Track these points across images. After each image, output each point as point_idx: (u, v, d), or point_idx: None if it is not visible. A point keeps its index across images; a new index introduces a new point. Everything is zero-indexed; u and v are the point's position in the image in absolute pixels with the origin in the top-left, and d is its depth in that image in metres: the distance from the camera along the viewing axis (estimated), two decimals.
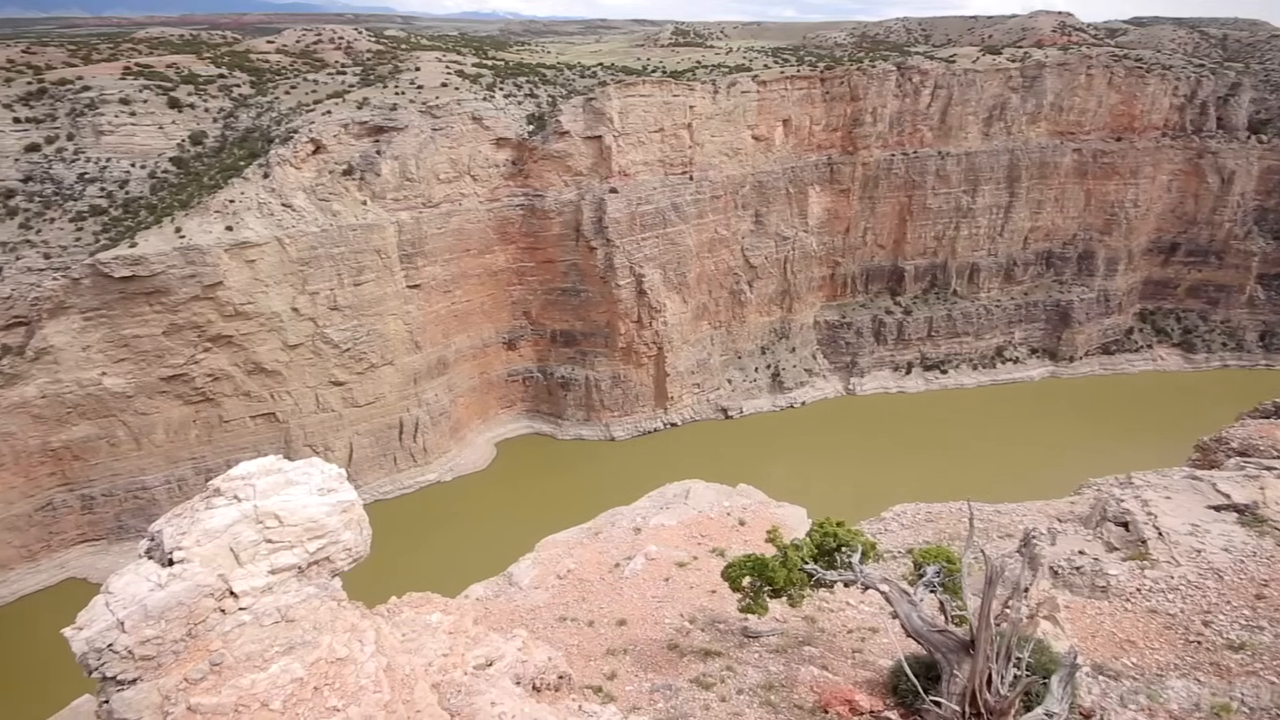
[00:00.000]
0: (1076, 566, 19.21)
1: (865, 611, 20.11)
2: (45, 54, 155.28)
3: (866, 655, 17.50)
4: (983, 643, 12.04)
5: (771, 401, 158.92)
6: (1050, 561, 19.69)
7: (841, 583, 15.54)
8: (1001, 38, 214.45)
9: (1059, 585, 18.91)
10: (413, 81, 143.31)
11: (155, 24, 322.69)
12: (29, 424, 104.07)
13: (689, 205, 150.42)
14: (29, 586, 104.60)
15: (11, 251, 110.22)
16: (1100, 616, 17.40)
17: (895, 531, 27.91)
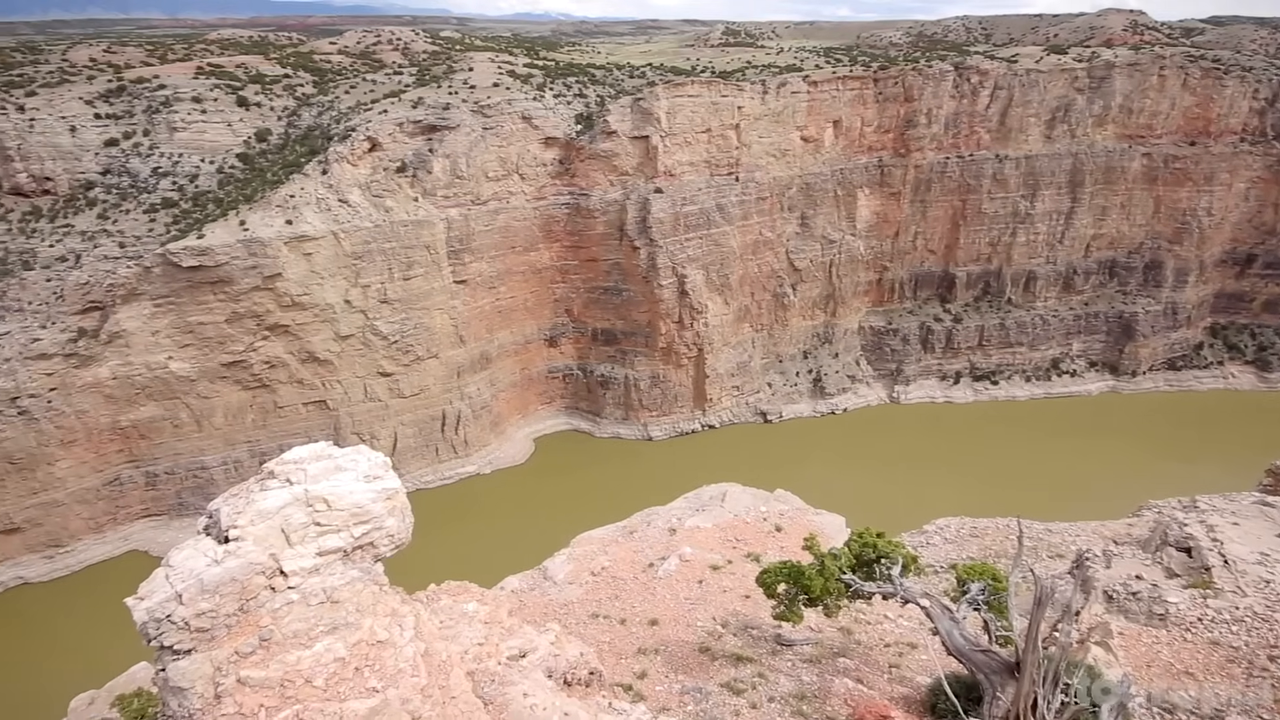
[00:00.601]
0: (1133, 592, 18.30)
1: (904, 626, 19.62)
2: (125, 53, 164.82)
3: (904, 671, 17.08)
4: (1029, 666, 11.60)
5: (812, 407, 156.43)
6: (1104, 585, 18.81)
7: (880, 595, 15.20)
8: (1068, 37, 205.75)
9: (1113, 610, 18.05)
10: (466, 81, 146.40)
11: (227, 25, 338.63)
12: (101, 403, 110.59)
13: (734, 206, 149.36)
14: (95, 556, 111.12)
15: (90, 240, 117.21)
16: (1157, 645, 16.55)
17: (938, 546, 27.15)
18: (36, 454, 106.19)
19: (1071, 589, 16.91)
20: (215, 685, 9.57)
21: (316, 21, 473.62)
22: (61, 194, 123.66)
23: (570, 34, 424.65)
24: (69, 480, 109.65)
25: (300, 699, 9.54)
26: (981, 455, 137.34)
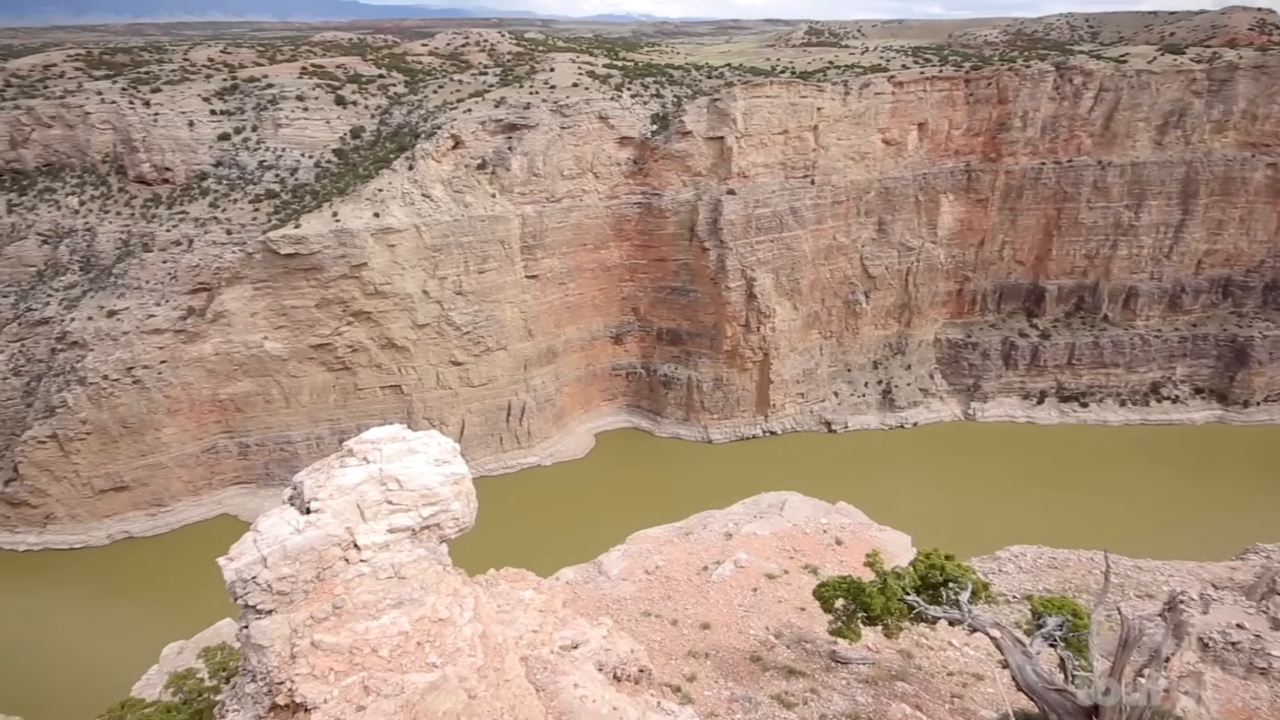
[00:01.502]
0: (1232, 641, 16.70)
1: (970, 656, 18.67)
2: (239, 54, 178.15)
3: (967, 703, 16.25)
4: (1110, 711, 10.79)
5: (880, 419, 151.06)
6: (1200, 632, 17.25)
7: (946, 620, 14.51)
8: (1185, 36, 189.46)
9: (1208, 660, 16.53)
10: (546, 81, 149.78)
11: (330, 28, 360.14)
12: (203, 376, 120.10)
13: (808, 210, 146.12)
14: (191, 517, 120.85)
15: (201, 226, 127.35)
16: (1256, 702, 15.06)
17: (1011, 574, 25.70)
18: (146, 420, 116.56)
19: (1162, 633, 15.60)
20: (291, 646, 10.20)
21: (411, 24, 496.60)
22: (178, 183, 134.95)
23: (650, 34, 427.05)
24: (172, 445, 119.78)
25: (366, 667, 10.05)
26: (1065, 481, 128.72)
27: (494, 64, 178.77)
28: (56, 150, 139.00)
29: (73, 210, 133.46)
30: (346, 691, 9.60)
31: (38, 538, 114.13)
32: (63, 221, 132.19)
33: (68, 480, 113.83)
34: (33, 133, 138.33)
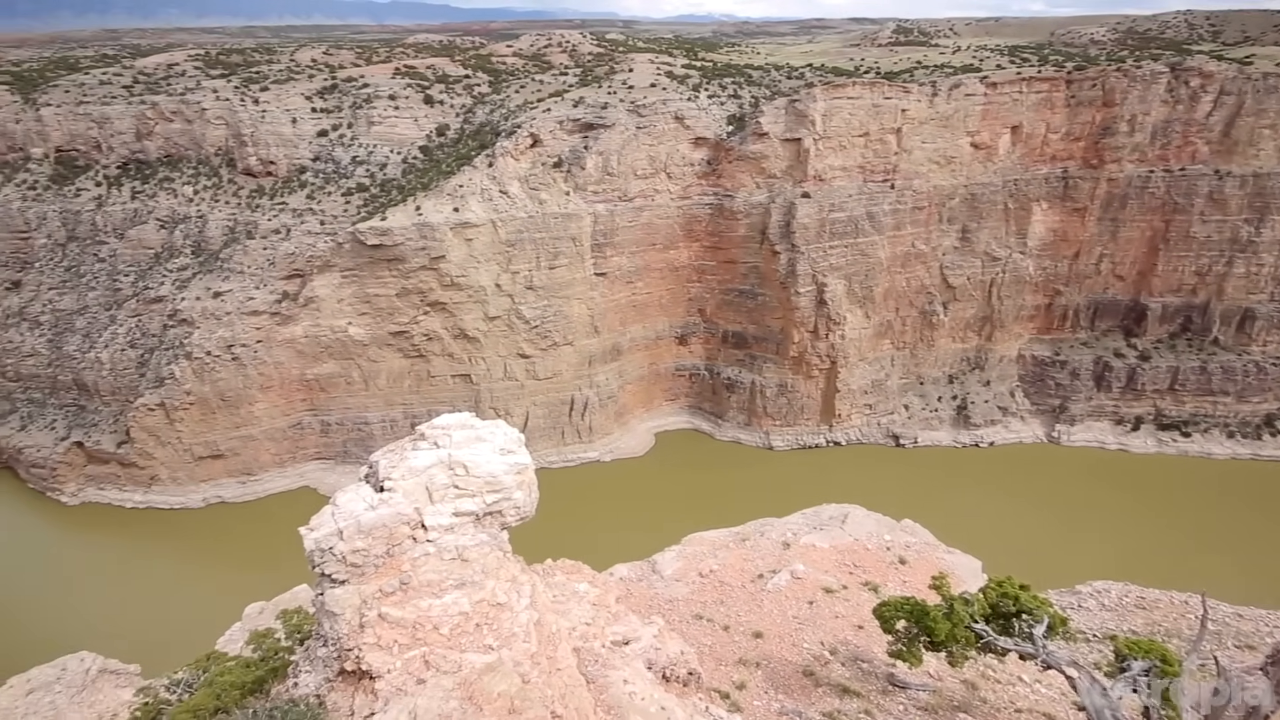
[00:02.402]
0: None
1: (1042, 694, 17.56)
2: (339, 56, 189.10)
3: None
4: None
5: (953, 436, 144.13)
6: None
7: (1017, 654, 13.70)
8: None
9: None
10: (624, 82, 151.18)
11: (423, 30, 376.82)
12: (294, 357, 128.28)
13: (886, 215, 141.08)
14: (276, 487, 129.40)
15: (298, 216, 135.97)
16: None
17: (1093, 611, 23.99)
18: (241, 394, 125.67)
19: (1264, 689, 14.17)
20: (361, 616, 10.78)
21: (497, 26, 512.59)
22: (280, 176, 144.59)
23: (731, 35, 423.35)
24: (263, 420, 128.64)
25: (427, 642, 10.48)
26: (1158, 516, 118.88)
27: (574, 64, 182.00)
28: (176, 143, 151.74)
29: (187, 198, 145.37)
30: (409, 664, 10.05)
31: (143, 496, 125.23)
32: (179, 209, 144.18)
33: (171, 446, 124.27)
34: (156, 126, 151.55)
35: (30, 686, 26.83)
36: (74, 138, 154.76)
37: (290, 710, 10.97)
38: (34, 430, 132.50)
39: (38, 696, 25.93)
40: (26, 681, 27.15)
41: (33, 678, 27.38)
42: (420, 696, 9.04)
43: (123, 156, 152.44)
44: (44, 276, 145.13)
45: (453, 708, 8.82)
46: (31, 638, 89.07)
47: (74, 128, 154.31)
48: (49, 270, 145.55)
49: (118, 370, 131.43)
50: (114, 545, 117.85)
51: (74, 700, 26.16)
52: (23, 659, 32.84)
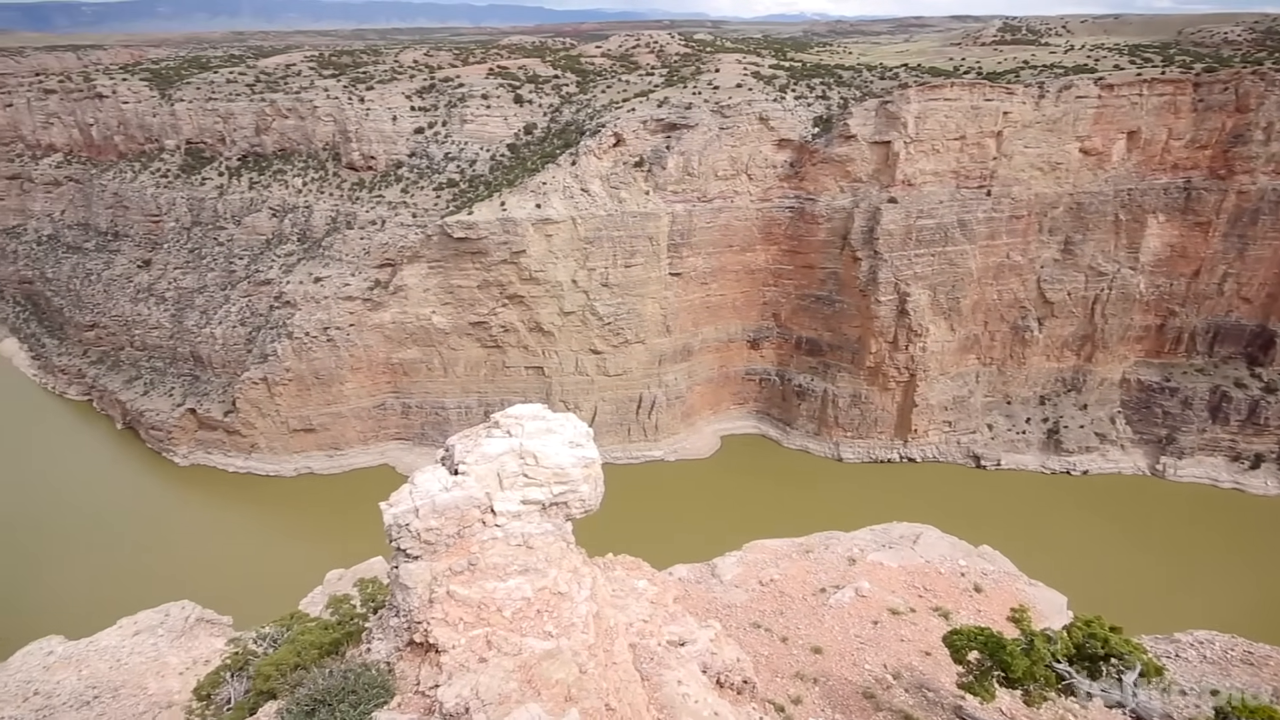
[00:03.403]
0: None
1: None
2: (438, 57, 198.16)
3: None
4: None
5: (1041, 461, 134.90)
6: None
7: (1103, 700, 12.69)
8: None
9: None
10: (710, 82, 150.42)
11: (517, 32, 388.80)
12: (381, 341, 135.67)
13: (979, 224, 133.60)
14: (359, 463, 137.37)
15: (393, 209, 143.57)
16: None
17: (1192, 662, 21.88)
18: (334, 374, 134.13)
19: None
20: (431, 591, 11.31)
21: (589, 27, 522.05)
22: (379, 170, 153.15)
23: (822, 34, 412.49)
24: (351, 399, 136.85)
25: (490, 623, 10.86)
26: (1276, 565, 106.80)
27: (661, 65, 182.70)
28: (289, 138, 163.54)
29: (297, 190, 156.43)
30: (472, 642, 10.44)
31: (243, 462, 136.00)
32: (289, 199, 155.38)
33: (270, 418, 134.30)
34: (273, 122, 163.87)
35: (137, 628, 29.68)
36: (202, 131, 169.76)
37: (363, 674, 11.64)
38: (154, 395, 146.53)
39: (143, 638, 28.69)
40: (134, 623, 30.05)
41: (139, 620, 30.28)
42: (482, 674, 9.38)
43: (243, 149, 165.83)
44: (170, 257, 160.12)
45: (512, 689, 9.10)
46: (140, 583, 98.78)
47: (202, 122, 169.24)
48: (175, 251, 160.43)
49: (228, 345, 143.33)
50: (216, 505, 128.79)
51: (174, 644, 28.75)
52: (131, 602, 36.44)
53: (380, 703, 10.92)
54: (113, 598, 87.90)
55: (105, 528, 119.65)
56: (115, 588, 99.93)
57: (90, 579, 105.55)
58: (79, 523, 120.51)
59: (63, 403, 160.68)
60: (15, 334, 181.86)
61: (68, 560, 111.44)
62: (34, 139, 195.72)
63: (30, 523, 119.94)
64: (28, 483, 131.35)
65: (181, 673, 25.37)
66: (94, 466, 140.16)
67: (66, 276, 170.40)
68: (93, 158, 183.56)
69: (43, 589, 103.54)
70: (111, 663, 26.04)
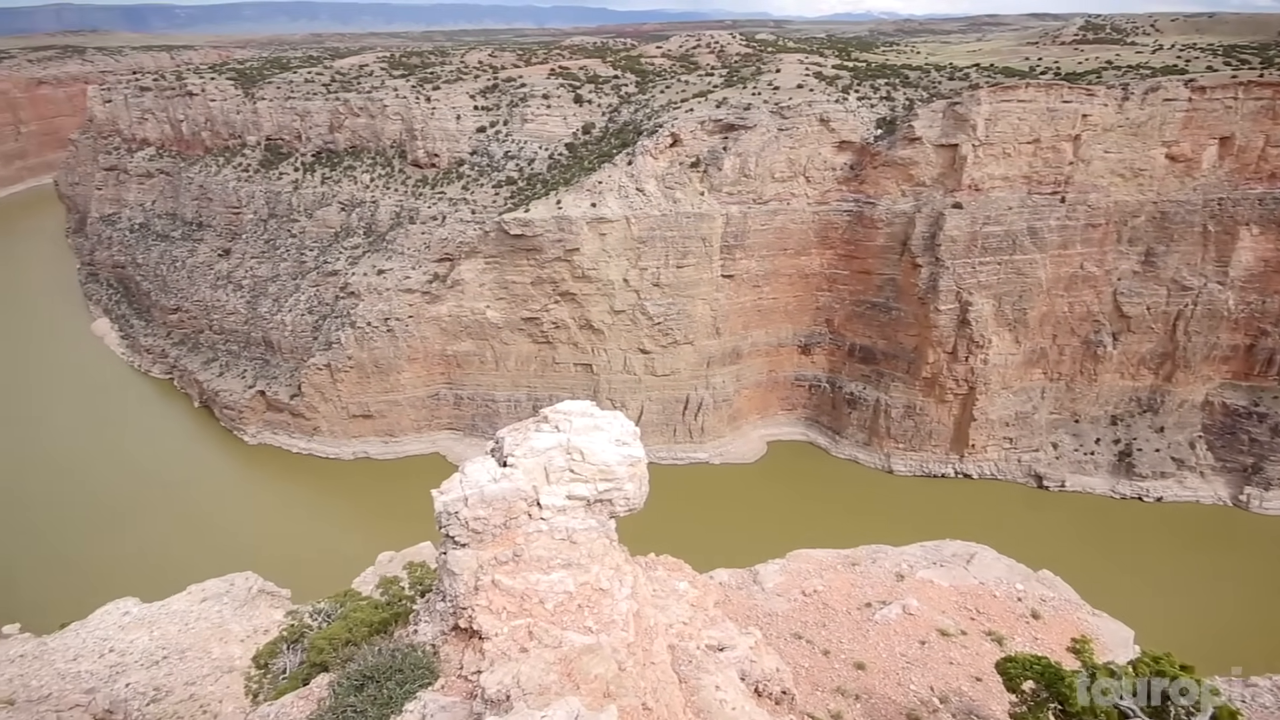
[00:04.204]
0: None
1: None
2: (502, 58, 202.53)
3: None
4: None
5: (1110, 484, 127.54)
6: None
7: None
8: None
9: None
10: (770, 83, 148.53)
11: (579, 33, 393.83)
12: (437, 333, 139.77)
13: (1051, 231, 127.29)
14: (411, 450, 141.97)
15: (453, 205, 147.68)
16: None
17: (1270, 709, 20.31)
18: (392, 363, 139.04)
19: None
20: (476, 579, 11.58)
21: (650, 28, 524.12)
22: (442, 168, 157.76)
23: (889, 33, 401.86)
24: (407, 388, 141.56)
25: (533, 614, 11.04)
26: None
27: (721, 65, 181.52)
28: (360, 135, 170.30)
29: (364, 185, 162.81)
30: (514, 632, 10.64)
31: (305, 444, 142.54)
32: (357, 194, 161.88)
33: (332, 403, 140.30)
34: (345, 120, 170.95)
35: (204, 595, 31.49)
36: (281, 128, 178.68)
37: (409, 655, 12.03)
38: (229, 377, 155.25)
39: (209, 605, 30.43)
40: (202, 590, 31.89)
41: (207, 588, 32.11)
42: (524, 664, 9.55)
43: (317, 146, 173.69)
44: (248, 246, 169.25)
45: (552, 680, 9.23)
46: (208, 552, 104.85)
47: (281, 120, 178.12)
48: (252, 241, 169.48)
49: (297, 332, 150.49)
50: (279, 483, 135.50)
51: (237, 612, 30.38)
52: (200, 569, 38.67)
53: (425, 683, 11.27)
54: (183, 564, 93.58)
55: (179, 499, 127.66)
56: (186, 555, 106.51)
57: (164, 545, 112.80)
58: (157, 492, 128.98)
59: (147, 380, 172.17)
60: (108, 314, 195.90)
61: (145, 527, 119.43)
62: (130, 133, 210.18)
63: (114, 491, 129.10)
64: (114, 454, 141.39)
65: (243, 640, 26.78)
66: (172, 441, 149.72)
67: (154, 263, 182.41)
68: (182, 152, 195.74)
69: (122, 552, 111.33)
70: (180, 626, 27.74)
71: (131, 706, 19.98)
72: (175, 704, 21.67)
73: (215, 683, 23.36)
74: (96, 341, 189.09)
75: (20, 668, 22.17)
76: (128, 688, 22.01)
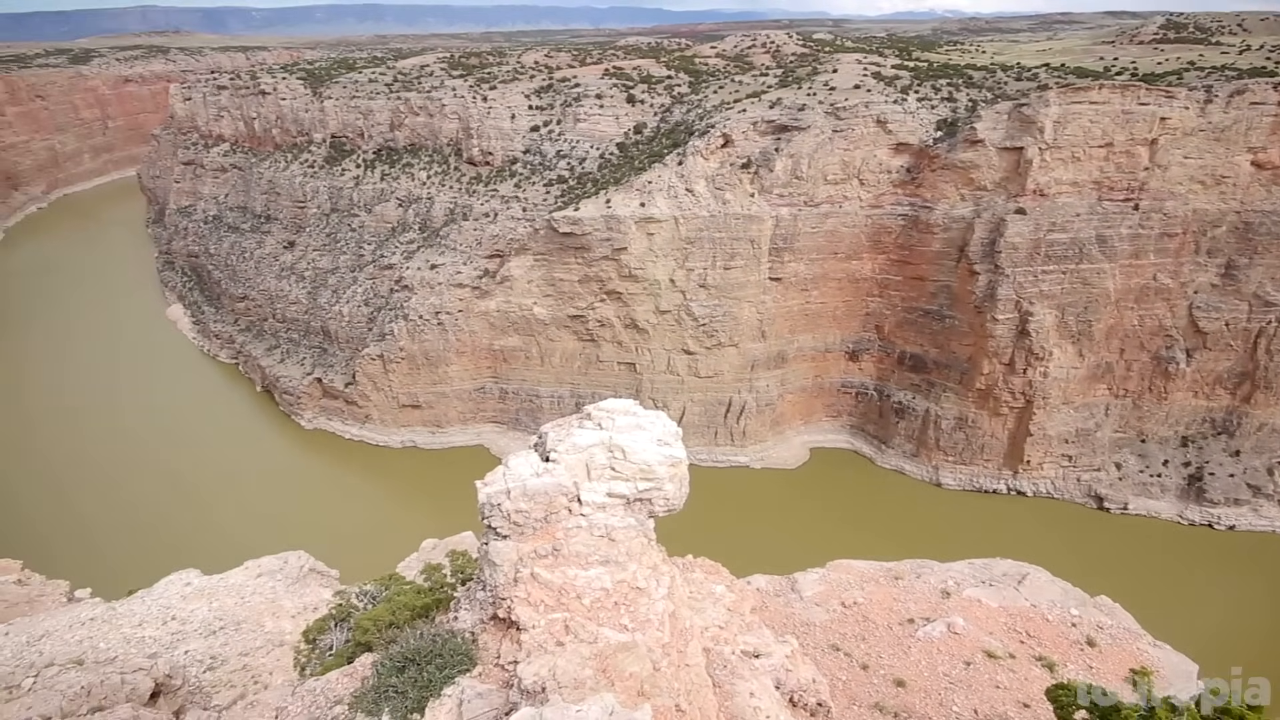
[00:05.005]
0: None
1: None
2: (558, 58, 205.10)
3: None
4: None
5: (1178, 509, 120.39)
6: None
7: None
8: None
9: None
10: (826, 83, 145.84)
11: (634, 33, 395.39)
12: (485, 328, 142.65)
13: (1122, 240, 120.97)
14: (456, 441, 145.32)
15: (505, 203, 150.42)
16: None
17: None
18: (441, 356, 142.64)
19: None
20: (516, 571, 11.80)
21: (705, 28, 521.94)
22: (495, 166, 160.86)
23: (954, 32, 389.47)
24: (455, 380, 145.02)
25: (569, 609, 11.17)
26: None
27: (776, 65, 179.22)
28: (419, 133, 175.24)
29: (421, 182, 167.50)
30: (551, 625, 10.79)
31: (358, 431, 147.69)
32: (414, 190, 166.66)
33: (383, 392, 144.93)
34: (405, 119, 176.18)
35: (260, 571, 32.98)
36: (345, 126, 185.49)
37: (449, 641, 12.34)
38: (289, 364, 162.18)
39: (264, 580, 31.86)
40: (258, 566, 33.40)
41: (262, 564, 33.61)
42: (560, 658, 9.68)
43: (378, 144, 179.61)
44: (311, 239, 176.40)
45: (587, 675, 9.32)
46: (263, 530, 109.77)
47: (346, 118, 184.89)
48: (315, 235, 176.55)
49: (353, 322, 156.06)
50: (331, 467, 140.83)
51: (289, 589, 31.71)
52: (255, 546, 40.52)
53: (463, 669, 11.54)
54: (240, 540, 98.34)
55: (239, 477, 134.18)
56: (243, 531, 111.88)
57: (223, 521, 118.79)
58: (219, 471, 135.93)
59: (214, 364, 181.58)
60: (181, 301, 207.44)
61: (208, 502, 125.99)
62: (207, 130, 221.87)
63: (180, 467, 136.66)
64: (182, 432, 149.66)
65: (294, 616, 27.95)
66: (235, 423, 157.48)
67: (225, 253, 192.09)
68: (253, 148, 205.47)
69: (186, 525, 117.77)
70: (237, 599, 29.15)
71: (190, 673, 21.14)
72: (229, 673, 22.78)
73: (267, 655, 24.45)
74: (170, 326, 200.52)
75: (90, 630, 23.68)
76: (186, 655, 23.27)
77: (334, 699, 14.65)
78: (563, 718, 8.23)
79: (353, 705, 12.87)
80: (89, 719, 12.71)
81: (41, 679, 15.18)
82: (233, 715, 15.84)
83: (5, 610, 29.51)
